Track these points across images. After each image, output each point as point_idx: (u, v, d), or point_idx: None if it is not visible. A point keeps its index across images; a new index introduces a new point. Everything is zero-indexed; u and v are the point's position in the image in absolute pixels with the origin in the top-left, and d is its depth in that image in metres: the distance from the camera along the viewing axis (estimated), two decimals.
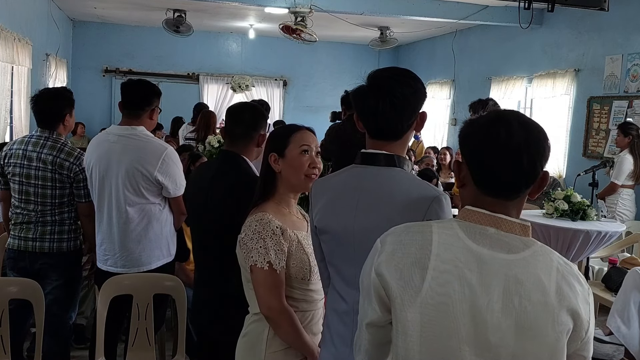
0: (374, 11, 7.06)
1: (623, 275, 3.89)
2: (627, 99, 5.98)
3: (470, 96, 4.73)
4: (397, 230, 1.19)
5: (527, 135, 1.11)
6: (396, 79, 1.51)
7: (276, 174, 1.85)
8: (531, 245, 1.11)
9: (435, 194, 1.44)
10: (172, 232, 2.95)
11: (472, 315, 1.06)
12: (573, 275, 1.11)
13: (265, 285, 1.73)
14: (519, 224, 1.13)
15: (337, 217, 1.56)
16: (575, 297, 1.09)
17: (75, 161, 2.88)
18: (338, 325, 1.57)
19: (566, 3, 4.83)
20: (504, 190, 1.13)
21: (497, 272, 1.07)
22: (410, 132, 1.56)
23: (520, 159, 1.10)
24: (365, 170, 1.54)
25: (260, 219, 1.76)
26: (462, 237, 1.11)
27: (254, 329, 1.82)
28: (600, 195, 5.35)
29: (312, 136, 1.89)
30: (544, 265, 1.09)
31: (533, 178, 1.13)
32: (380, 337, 1.19)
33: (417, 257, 1.11)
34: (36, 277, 2.76)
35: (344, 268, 1.57)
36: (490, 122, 1.14)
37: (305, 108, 10.95)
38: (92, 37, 9.95)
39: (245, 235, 1.76)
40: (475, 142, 1.14)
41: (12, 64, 5.50)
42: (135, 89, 2.85)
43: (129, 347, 2.71)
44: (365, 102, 1.52)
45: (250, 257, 1.73)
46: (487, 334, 1.06)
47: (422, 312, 1.08)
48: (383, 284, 1.13)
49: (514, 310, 1.06)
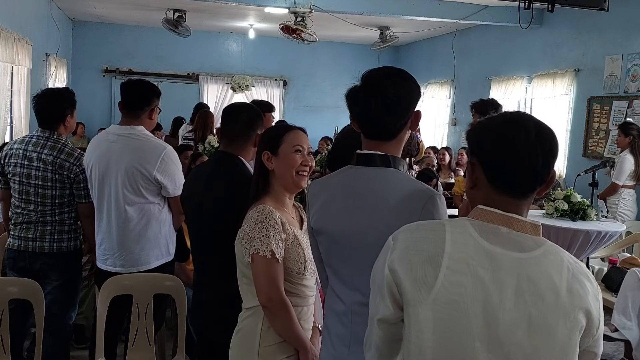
0: (374, 11, 7.06)
1: (623, 275, 3.88)
2: (627, 99, 5.98)
3: (470, 96, 4.73)
4: (410, 228, 1.20)
5: (542, 137, 1.15)
6: (389, 79, 1.51)
7: (269, 171, 1.88)
8: (542, 244, 1.13)
9: (429, 194, 1.44)
10: (172, 232, 2.95)
11: (484, 313, 1.08)
12: (583, 273, 1.13)
13: (267, 274, 1.75)
14: (530, 223, 1.15)
15: (333, 218, 1.56)
16: (586, 295, 1.11)
17: (75, 162, 2.88)
18: (336, 326, 1.57)
19: (566, 3, 4.82)
20: (518, 190, 1.16)
21: (509, 271, 1.09)
22: (404, 132, 1.55)
23: (536, 160, 1.13)
24: (360, 171, 1.54)
25: (262, 210, 1.79)
26: (475, 236, 1.13)
27: (247, 324, 1.83)
28: (601, 195, 5.35)
29: (305, 136, 1.93)
30: (555, 264, 1.11)
31: (546, 177, 1.17)
32: (392, 333, 1.19)
33: (430, 255, 1.12)
34: (36, 277, 2.76)
35: (340, 268, 1.57)
36: (505, 124, 1.17)
37: (305, 108, 10.96)
38: (92, 37, 9.95)
39: (247, 226, 1.79)
40: (491, 144, 1.17)
41: (12, 64, 5.50)
42: (134, 89, 2.86)
43: (129, 347, 2.71)
44: (358, 102, 1.53)
45: (252, 245, 1.75)
46: (499, 332, 1.07)
47: (435, 309, 1.09)
48: (396, 280, 1.14)
49: (526, 309, 1.07)
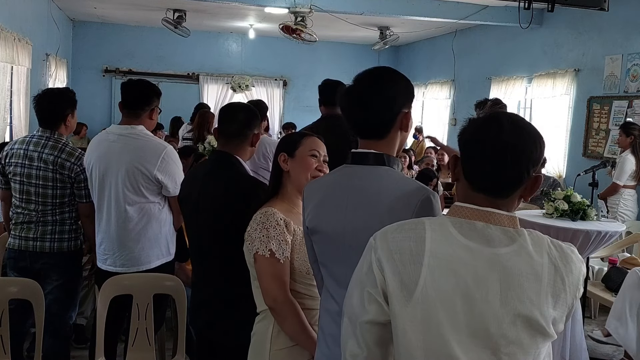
0: (374, 11, 7.06)
1: (623, 276, 3.88)
2: (627, 99, 5.98)
3: (470, 96, 4.72)
4: (390, 228, 1.20)
5: (516, 136, 1.12)
6: (371, 80, 1.51)
7: (284, 172, 1.91)
8: (521, 234, 1.13)
9: (424, 192, 1.44)
10: (172, 232, 2.95)
11: (470, 308, 1.08)
12: (565, 255, 1.13)
13: (269, 274, 1.78)
14: (506, 215, 1.14)
15: (328, 217, 1.56)
16: (572, 276, 1.12)
17: (76, 161, 2.88)
18: (330, 326, 1.56)
19: (566, 3, 4.82)
20: (490, 187, 1.15)
21: (489, 265, 1.09)
22: (394, 132, 1.53)
23: (504, 158, 1.11)
24: (355, 170, 1.54)
25: (264, 212, 1.83)
26: (454, 233, 1.13)
27: (260, 328, 1.86)
28: (602, 195, 5.35)
29: (322, 144, 1.96)
30: (535, 253, 1.11)
31: (517, 180, 1.14)
32: (383, 334, 1.19)
33: (411, 254, 1.13)
34: (36, 277, 2.76)
35: (335, 268, 1.57)
36: (483, 120, 1.18)
37: (305, 108, 10.94)
38: (92, 37, 9.95)
39: (250, 228, 1.84)
40: (466, 137, 1.18)
41: (11, 64, 5.50)
42: (135, 89, 2.86)
43: (129, 347, 2.71)
44: (343, 103, 1.55)
45: (253, 246, 1.80)
46: (487, 325, 1.08)
47: (419, 307, 1.10)
48: (384, 279, 1.14)
49: (510, 302, 1.08)
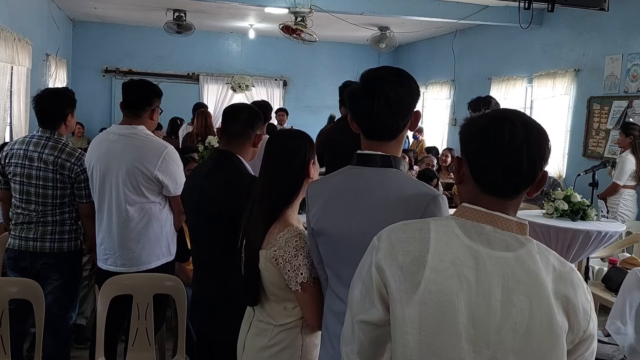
0: (374, 11, 7.06)
1: (623, 276, 3.89)
2: (627, 99, 5.98)
3: (471, 96, 4.72)
4: (394, 228, 1.19)
5: (529, 136, 1.11)
6: (390, 79, 1.50)
7: (306, 179, 1.82)
8: (528, 243, 1.11)
9: (432, 194, 1.44)
10: (172, 232, 2.95)
11: (470, 312, 1.06)
12: (570, 273, 1.11)
13: (316, 299, 1.72)
14: (515, 222, 1.12)
15: (334, 219, 1.55)
16: (574, 296, 1.08)
17: (76, 162, 2.88)
18: (335, 326, 1.56)
19: (566, 3, 4.82)
20: (503, 190, 1.13)
21: (494, 270, 1.07)
22: (404, 132, 1.55)
23: (521, 159, 1.10)
24: (361, 172, 1.53)
25: (299, 234, 1.73)
26: (459, 235, 1.11)
27: (284, 338, 1.78)
28: (602, 195, 5.35)
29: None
30: (541, 264, 1.09)
31: (532, 178, 1.13)
32: (377, 335, 1.18)
33: (415, 255, 1.11)
34: (37, 277, 2.76)
35: (341, 269, 1.56)
36: (493, 121, 1.14)
37: (305, 108, 10.96)
38: (92, 37, 9.96)
39: (286, 253, 1.71)
40: (477, 141, 1.14)
41: (11, 64, 5.50)
42: (136, 89, 2.85)
43: (129, 347, 2.71)
44: (359, 102, 1.51)
45: (299, 274, 1.70)
46: (486, 331, 1.06)
47: (421, 309, 1.08)
48: (383, 280, 1.13)
49: (512, 308, 1.06)
